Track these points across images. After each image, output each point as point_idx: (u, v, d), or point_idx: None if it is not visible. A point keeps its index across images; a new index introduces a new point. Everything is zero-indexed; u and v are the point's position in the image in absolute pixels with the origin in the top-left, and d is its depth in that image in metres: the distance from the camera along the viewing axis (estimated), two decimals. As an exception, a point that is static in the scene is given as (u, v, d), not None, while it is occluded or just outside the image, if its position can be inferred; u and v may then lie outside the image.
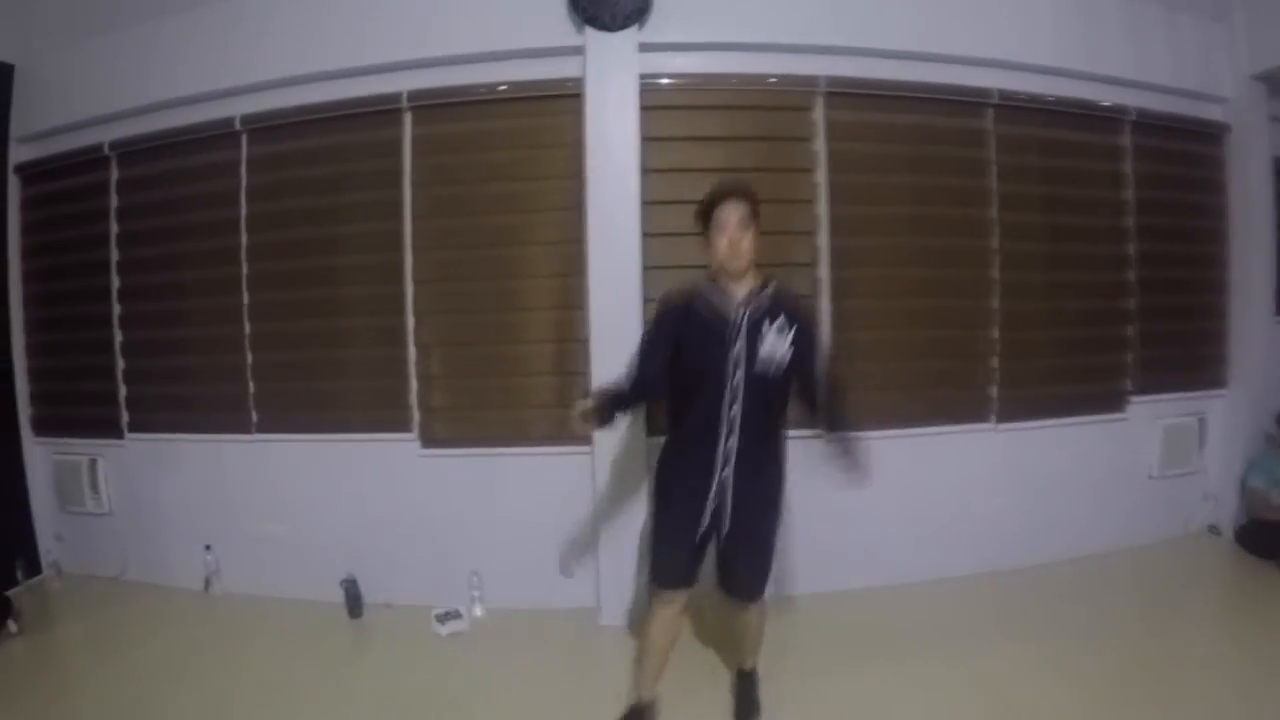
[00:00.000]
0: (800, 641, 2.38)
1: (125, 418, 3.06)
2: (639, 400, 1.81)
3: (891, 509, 2.80)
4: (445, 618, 2.59)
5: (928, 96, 2.75)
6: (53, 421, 3.21)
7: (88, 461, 3.09)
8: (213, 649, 2.49)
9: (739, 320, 1.67)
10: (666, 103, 2.60)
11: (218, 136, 2.85)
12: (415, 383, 2.75)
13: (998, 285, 2.87)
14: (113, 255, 3.03)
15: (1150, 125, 3.09)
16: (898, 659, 2.28)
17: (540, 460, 2.69)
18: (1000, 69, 2.80)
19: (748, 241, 1.66)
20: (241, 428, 2.88)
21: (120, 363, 3.04)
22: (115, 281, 3.03)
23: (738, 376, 1.66)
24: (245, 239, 2.84)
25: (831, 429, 1.72)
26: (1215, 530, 3.28)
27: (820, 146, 2.69)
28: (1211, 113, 3.21)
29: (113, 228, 3.02)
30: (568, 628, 2.57)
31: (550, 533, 2.67)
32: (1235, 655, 2.30)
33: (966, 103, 2.80)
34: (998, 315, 2.87)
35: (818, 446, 1.75)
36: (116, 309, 3.03)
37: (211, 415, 2.93)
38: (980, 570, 2.87)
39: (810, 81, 2.65)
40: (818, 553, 2.63)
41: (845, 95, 2.68)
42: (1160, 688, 2.09)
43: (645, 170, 2.52)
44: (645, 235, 2.52)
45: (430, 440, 2.76)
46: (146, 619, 2.74)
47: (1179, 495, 3.24)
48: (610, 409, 1.68)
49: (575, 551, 2.64)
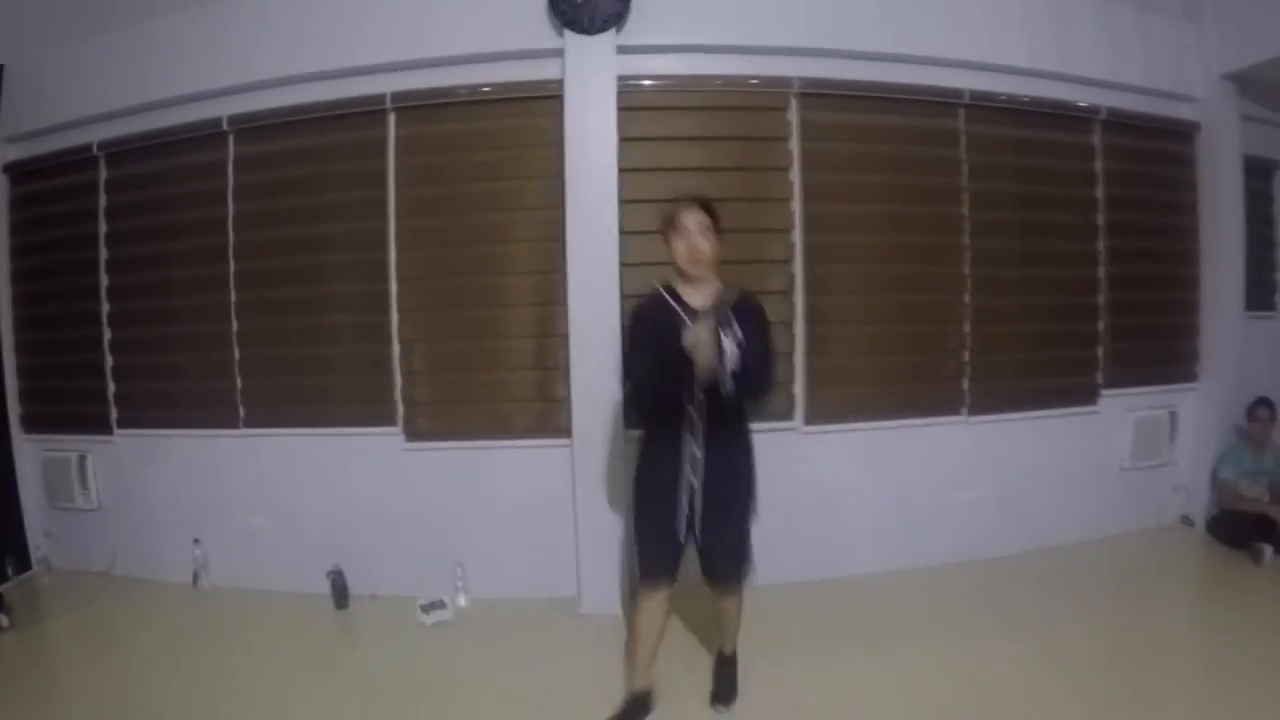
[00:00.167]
0: (775, 628, 2.46)
1: (114, 414, 3.14)
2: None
3: (866, 500, 2.93)
4: (430, 608, 2.68)
5: (900, 97, 2.86)
6: (42, 419, 3.29)
7: (77, 458, 3.18)
8: (202, 641, 2.56)
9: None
10: (644, 103, 2.71)
11: (205, 136, 2.94)
12: (399, 378, 2.85)
13: (969, 281, 2.98)
14: (101, 254, 3.11)
15: (1121, 124, 3.21)
16: (871, 645, 2.36)
17: (522, 453, 2.80)
18: (971, 70, 2.92)
19: (707, 245, 1.77)
20: (229, 423, 2.97)
21: (109, 360, 3.13)
22: (104, 280, 3.12)
23: (700, 389, 1.74)
24: (232, 237, 2.94)
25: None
26: (1188, 521, 3.40)
27: (795, 146, 2.80)
28: (1182, 112, 3.33)
29: (101, 227, 3.11)
30: (549, 616, 2.67)
31: (532, 524, 2.78)
32: (1207, 640, 2.40)
33: (938, 103, 2.91)
34: (969, 310, 2.99)
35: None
36: (105, 307, 3.12)
37: (199, 411, 3.02)
38: (954, 560, 2.98)
39: (784, 83, 2.76)
40: (793, 542, 2.74)
41: (819, 96, 2.80)
42: (1132, 671, 2.16)
43: (623, 169, 2.61)
44: (623, 233, 2.61)
45: (414, 434, 2.86)
46: (136, 613, 2.81)
47: (1151, 487, 3.36)
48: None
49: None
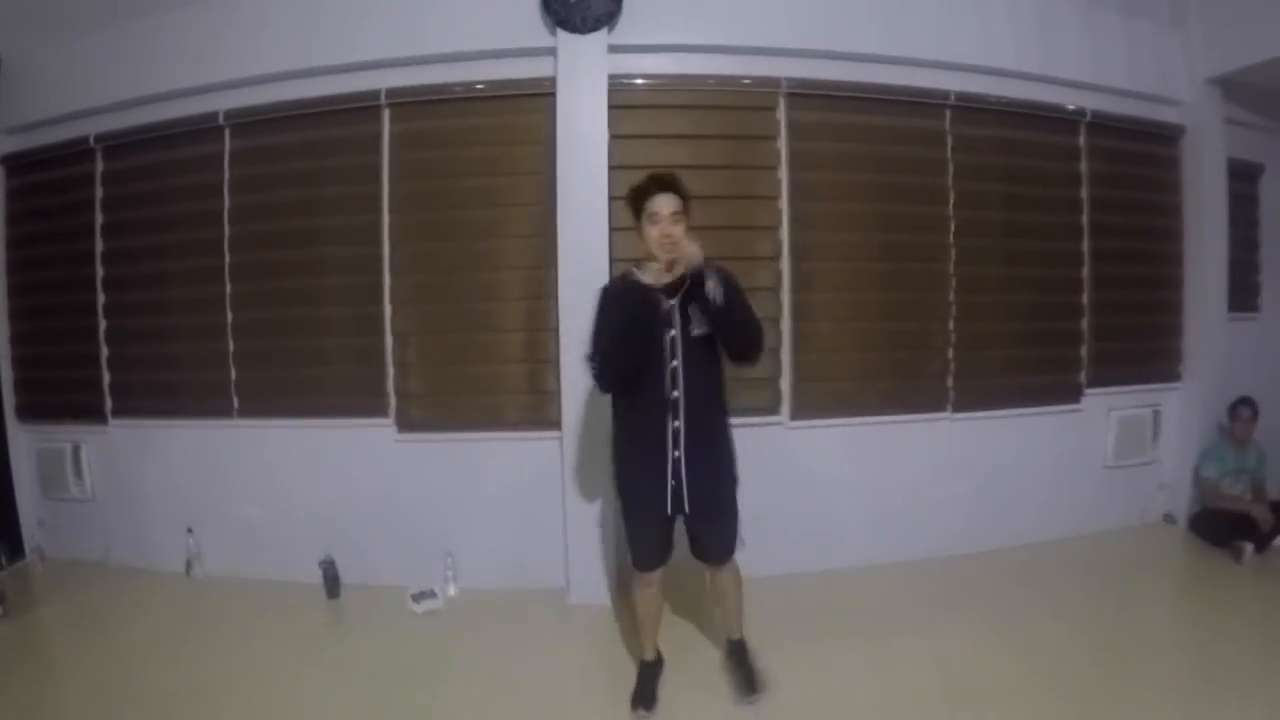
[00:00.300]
0: (759, 620, 2.48)
1: (109, 404, 3.21)
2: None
3: (851, 494, 3.01)
4: (420, 597, 2.76)
5: (887, 98, 2.94)
6: (37, 408, 3.36)
7: (71, 448, 3.25)
8: (195, 629, 2.62)
9: (672, 305, 1.82)
10: (635, 102, 2.79)
11: (202, 130, 3.01)
12: (392, 370, 2.92)
13: (954, 280, 3.06)
14: (98, 245, 3.18)
15: (1107, 126, 3.29)
16: (853, 637, 2.41)
17: (512, 445, 2.87)
18: (958, 71, 3.00)
19: (679, 233, 1.79)
20: (223, 413, 3.04)
21: (104, 350, 3.20)
22: (100, 271, 3.18)
23: (676, 361, 1.82)
24: (228, 230, 3.01)
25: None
26: (1171, 519, 3.48)
27: (783, 145, 2.88)
28: (1167, 115, 3.42)
29: (98, 218, 3.18)
30: (538, 606, 2.74)
31: (521, 515, 2.86)
32: (1187, 636, 2.46)
33: (925, 104, 3.00)
34: (954, 308, 3.07)
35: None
36: (101, 298, 3.19)
37: (194, 401, 3.09)
38: (937, 555, 3.05)
39: (773, 83, 2.84)
40: (778, 535, 2.82)
41: (807, 96, 2.88)
42: (1113, 665, 2.21)
43: (614, 167, 2.69)
44: (613, 229, 2.69)
45: (406, 425, 2.93)
46: (129, 601, 2.87)
47: (1135, 485, 3.45)
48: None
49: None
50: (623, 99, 2.75)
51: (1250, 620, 2.51)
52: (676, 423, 1.84)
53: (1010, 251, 3.17)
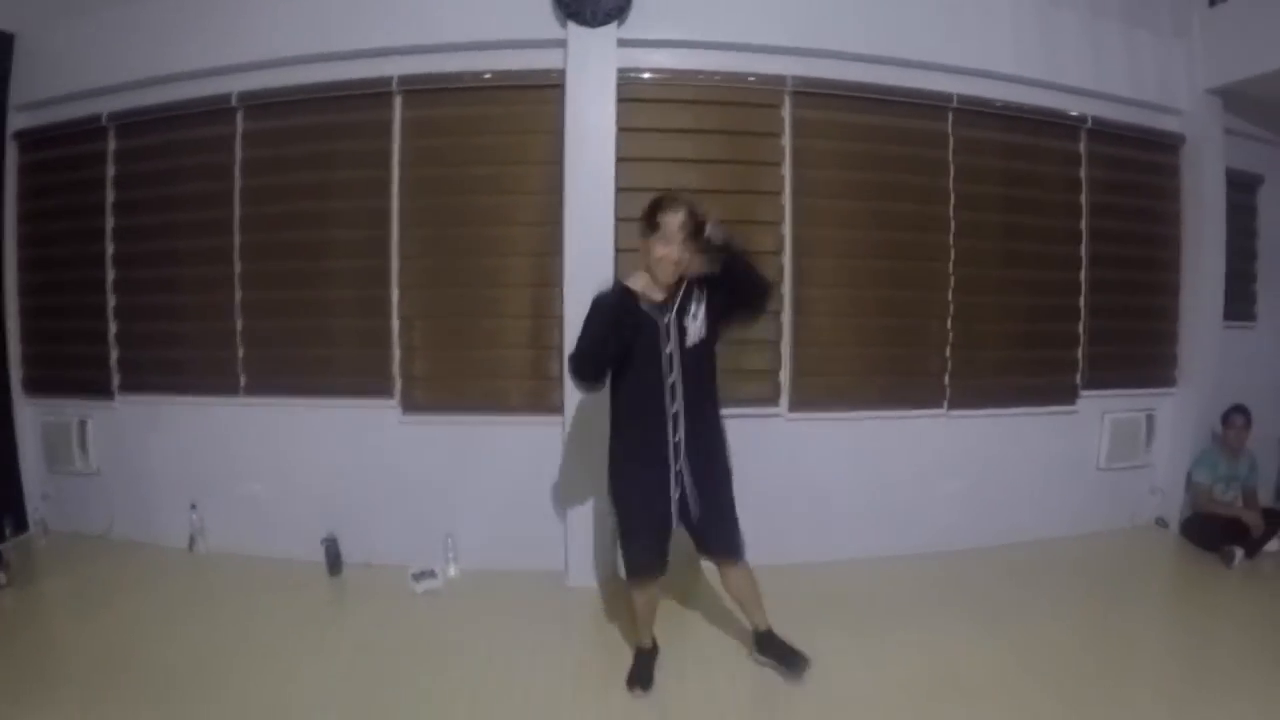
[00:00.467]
0: None
1: (116, 379, 3.30)
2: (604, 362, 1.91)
3: (846, 487, 3.10)
4: (421, 576, 2.84)
5: (891, 99, 3.04)
6: (43, 382, 3.44)
7: (77, 422, 3.33)
8: (197, 604, 2.68)
9: (668, 320, 1.88)
10: (643, 95, 2.88)
11: (215, 112, 3.10)
12: (398, 352, 3.01)
13: (953, 279, 3.16)
14: (108, 222, 3.26)
15: (1107, 133, 3.38)
16: (846, 628, 2.47)
17: (514, 429, 2.97)
18: (961, 75, 3.09)
19: (685, 255, 1.85)
20: (230, 391, 3.13)
21: (113, 326, 3.28)
22: (110, 248, 3.26)
23: (674, 376, 1.88)
24: (239, 210, 3.09)
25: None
26: (1162, 523, 3.57)
27: (787, 142, 2.97)
28: (1167, 123, 3.51)
29: (109, 196, 3.26)
30: (537, 588, 2.82)
31: (522, 498, 2.94)
32: (1175, 636, 2.53)
33: (927, 105, 3.09)
34: (952, 307, 3.16)
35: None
36: (110, 274, 3.27)
37: (201, 378, 3.17)
38: (930, 550, 3.14)
39: (779, 80, 2.93)
40: (774, 526, 2.89)
41: (812, 95, 2.97)
42: (1101, 661, 2.27)
43: (620, 158, 2.78)
44: (619, 220, 2.77)
45: (411, 407, 3.02)
46: (132, 575, 2.95)
47: (1127, 488, 3.54)
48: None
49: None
50: (630, 92, 2.84)
51: (1239, 623, 2.58)
52: (677, 436, 1.91)
53: (1009, 253, 3.26)
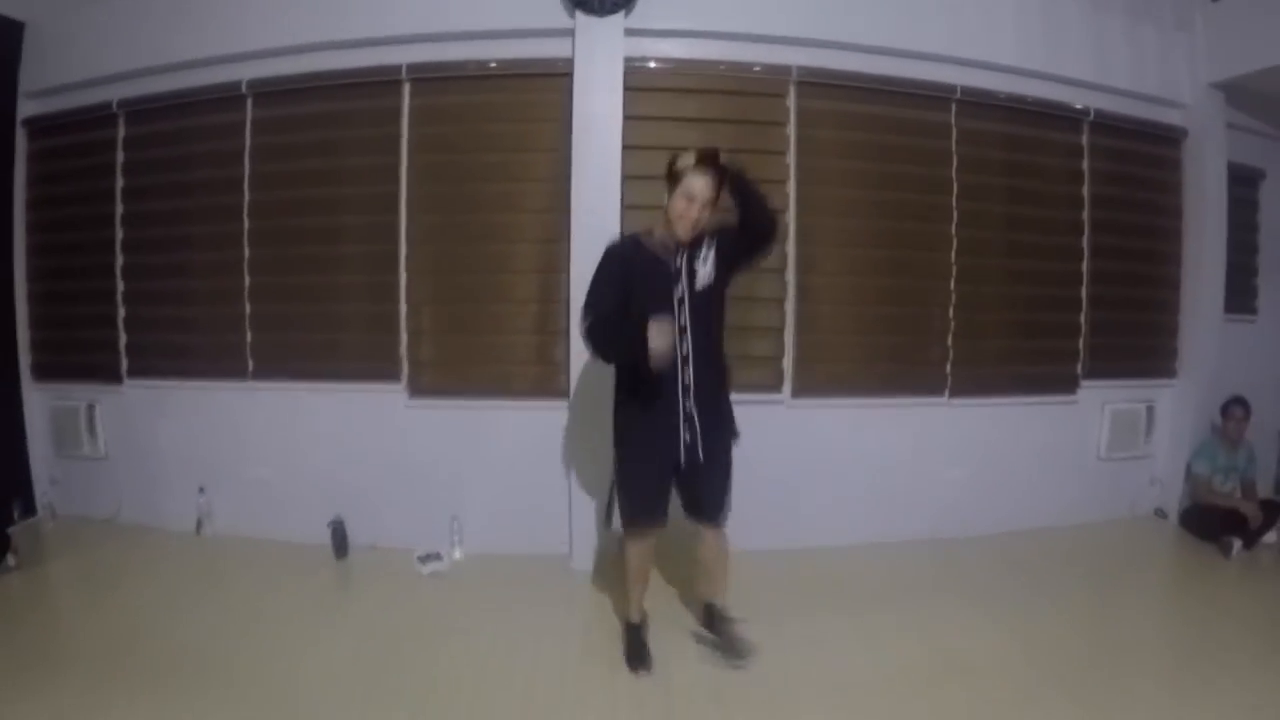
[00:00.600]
0: (755, 592, 2.62)
1: (124, 364, 3.36)
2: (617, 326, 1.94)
3: (848, 473, 3.16)
4: (426, 559, 2.91)
5: (895, 90, 3.10)
6: (52, 368, 3.51)
7: (85, 407, 3.39)
8: (203, 586, 2.74)
9: (679, 265, 1.93)
10: (649, 84, 2.94)
11: (224, 99, 3.16)
12: (405, 336, 3.08)
13: (955, 269, 3.22)
14: (117, 208, 3.32)
15: (1109, 126, 3.44)
16: (845, 611, 2.54)
17: (520, 413, 3.03)
18: (964, 66, 3.15)
19: (706, 216, 1.90)
20: (238, 375, 3.19)
21: (121, 311, 3.35)
22: (119, 233, 3.32)
23: (684, 314, 1.92)
24: (248, 196, 3.15)
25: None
26: (1162, 513, 3.63)
27: (791, 131, 3.04)
28: (1170, 117, 3.57)
29: (118, 182, 3.32)
30: (541, 571, 2.88)
31: (528, 481, 3.01)
32: (1173, 623, 2.60)
33: (931, 97, 3.15)
34: (954, 296, 3.23)
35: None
36: (119, 260, 3.33)
37: (209, 363, 3.24)
38: (930, 536, 3.21)
39: (784, 70, 3.00)
40: (776, 510, 2.99)
41: (817, 85, 3.03)
42: (1100, 648, 2.31)
43: (627, 147, 2.84)
44: (625, 207, 2.84)
45: (418, 391, 3.09)
46: (140, 558, 3.01)
47: (1127, 478, 3.60)
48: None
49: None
50: (636, 81, 2.90)
51: (1236, 614, 2.62)
52: (686, 378, 1.95)
53: (1011, 244, 3.32)
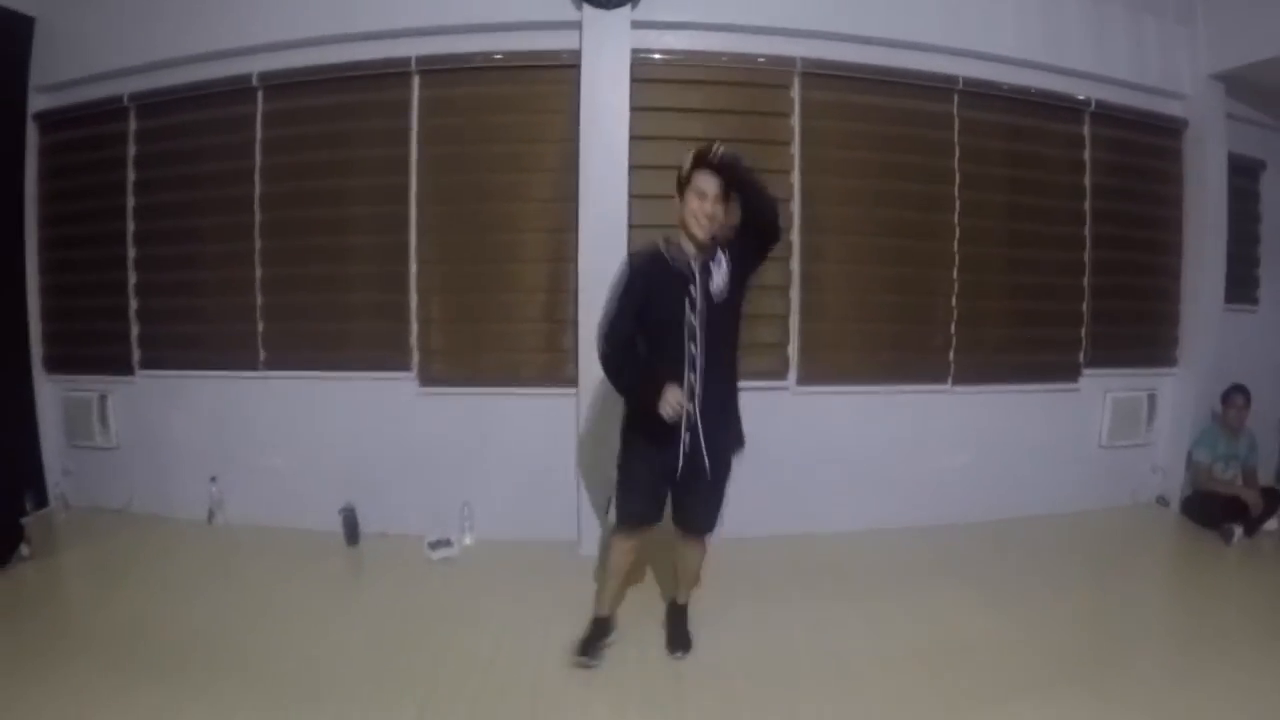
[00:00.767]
0: (759, 575, 2.75)
1: (136, 355, 3.44)
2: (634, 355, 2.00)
3: (851, 459, 3.24)
4: (437, 545, 2.98)
5: (897, 80, 3.18)
6: (64, 360, 3.58)
7: (98, 397, 3.47)
8: (215, 573, 2.80)
9: (696, 273, 1.92)
10: (656, 76, 3.02)
11: (235, 91, 3.23)
12: (416, 325, 3.16)
13: (957, 258, 3.30)
14: (129, 201, 3.40)
15: (1110, 116, 3.52)
16: (851, 595, 2.61)
17: (529, 401, 3.12)
18: (966, 58, 3.23)
19: (720, 213, 1.88)
20: (250, 366, 3.27)
21: (133, 303, 3.43)
22: (131, 226, 3.40)
23: (697, 324, 1.93)
24: (259, 188, 3.24)
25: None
26: (1163, 501, 3.71)
27: (796, 122, 3.12)
28: (1171, 108, 3.65)
29: (130, 175, 3.40)
30: (550, 557, 2.95)
31: (537, 468, 3.09)
32: (1174, 608, 2.67)
33: (933, 88, 3.23)
34: (957, 285, 3.31)
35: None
36: (131, 252, 3.41)
37: (221, 353, 3.32)
38: (933, 523, 3.28)
39: (789, 62, 3.08)
40: (780, 496, 3.07)
41: (821, 76, 3.12)
42: (1101, 632, 2.37)
43: (634, 137, 2.91)
44: (632, 196, 2.92)
45: (428, 379, 3.17)
46: (152, 546, 3.08)
47: (1128, 466, 3.68)
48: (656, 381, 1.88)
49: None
50: (643, 73, 2.98)
51: (1236, 599, 2.69)
52: (695, 390, 1.93)
53: (1013, 233, 3.40)
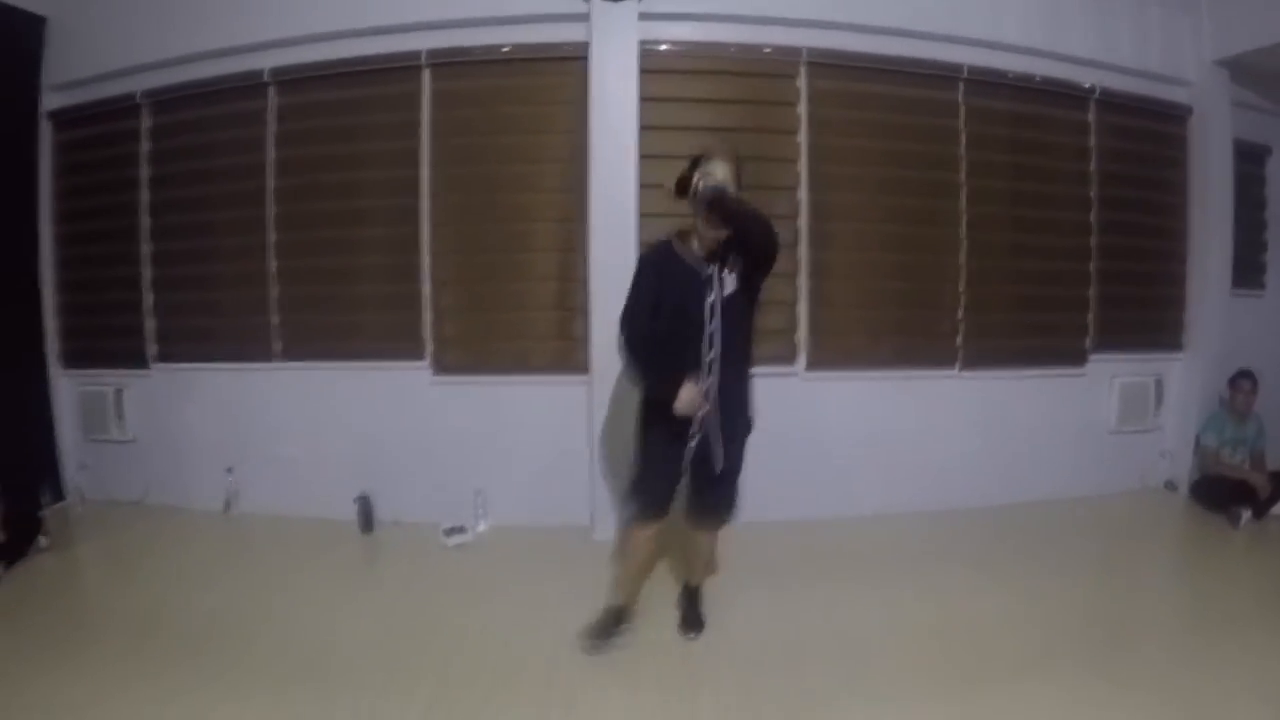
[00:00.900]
0: (771, 560, 2.81)
1: (152, 349, 3.51)
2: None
3: (860, 444, 3.30)
4: (451, 531, 3.06)
5: (902, 69, 3.24)
6: (80, 354, 3.66)
7: (113, 391, 3.54)
8: (232, 561, 2.88)
9: (711, 272, 1.96)
10: (664, 67, 3.08)
11: (247, 87, 3.31)
12: (429, 315, 3.23)
13: (964, 244, 3.36)
14: (143, 197, 3.47)
15: (1115, 103, 3.57)
16: (861, 577, 2.67)
17: (541, 388, 3.18)
18: (971, 46, 3.29)
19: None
20: (265, 357, 3.34)
21: (148, 298, 3.50)
22: (145, 221, 3.48)
23: (714, 322, 1.98)
24: (272, 182, 3.31)
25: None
26: (1172, 486, 3.76)
27: (803, 110, 3.18)
28: (1175, 94, 3.70)
29: (143, 171, 3.47)
30: (563, 542, 3.02)
31: (550, 454, 3.16)
32: (1181, 589, 2.71)
33: (938, 76, 3.29)
34: (964, 271, 3.37)
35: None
36: (146, 247, 3.48)
37: (236, 346, 3.39)
38: (942, 507, 3.35)
39: (795, 52, 3.14)
40: (790, 481, 3.12)
41: (827, 65, 3.18)
42: (1108, 611, 2.42)
43: (643, 127, 2.98)
44: (641, 186, 2.98)
45: (441, 368, 3.24)
46: (169, 537, 3.16)
47: (1137, 451, 3.73)
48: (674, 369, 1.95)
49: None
50: (651, 64, 3.04)
51: (1244, 581, 2.73)
52: (710, 380, 1.97)
53: (1019, 219, 3.46)
